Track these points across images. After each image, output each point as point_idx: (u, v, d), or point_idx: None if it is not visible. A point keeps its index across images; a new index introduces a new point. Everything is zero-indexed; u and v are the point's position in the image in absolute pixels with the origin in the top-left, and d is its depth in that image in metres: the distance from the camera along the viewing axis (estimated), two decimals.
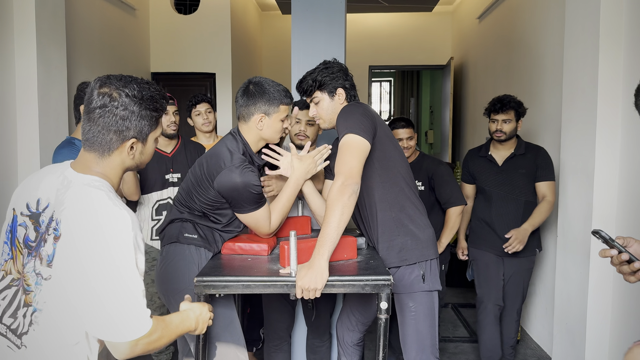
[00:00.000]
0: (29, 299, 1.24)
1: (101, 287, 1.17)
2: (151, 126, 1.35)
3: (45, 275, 1.22)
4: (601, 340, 2.82)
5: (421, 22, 7.25)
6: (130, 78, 1.32)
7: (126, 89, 1.28)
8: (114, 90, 1.28)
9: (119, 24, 4.93)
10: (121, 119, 1.28)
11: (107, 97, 1.27)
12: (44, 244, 1.24)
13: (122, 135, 1.30)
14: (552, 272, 3.47)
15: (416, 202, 2.13)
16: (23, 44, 3.21)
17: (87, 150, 1.31)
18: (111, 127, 1.28)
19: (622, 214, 2.71)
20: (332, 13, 3.04)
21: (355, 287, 1.75)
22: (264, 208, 2.02)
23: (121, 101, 1.27)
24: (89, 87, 1.31)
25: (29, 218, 1.29)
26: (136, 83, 1.31)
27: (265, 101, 2.01)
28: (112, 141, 1.29)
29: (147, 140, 1.37)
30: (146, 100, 1.31)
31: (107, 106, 1.27)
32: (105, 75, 1.31)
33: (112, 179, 1.32)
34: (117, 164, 1.33)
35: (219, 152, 1.98)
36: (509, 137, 3.09)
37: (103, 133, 1.28)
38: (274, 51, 7.51)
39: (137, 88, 1.30)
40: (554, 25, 3.51)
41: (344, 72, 2.16)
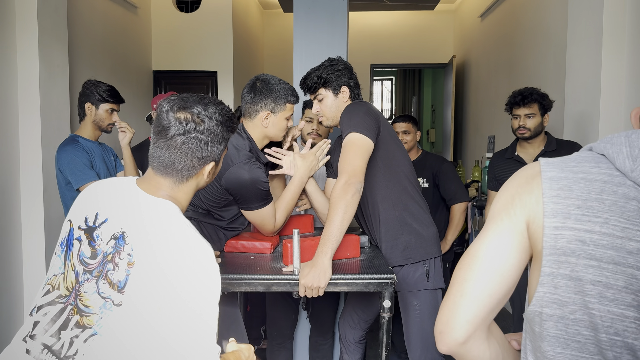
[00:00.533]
0: (88, 321, 1.13)
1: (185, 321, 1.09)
2: (225, 147, 1.32)
3: (116, 301, 1.12)
4: None
5: (423, 20, 7.24)
6: (207, 100, 1.27)
7: (207, 112, 1.24)
8: (196, 115, 1.23)
9: (121, 23, 4.93)
10: (205, 144, 1.23)
11: (192, 123, 1.22)
12: (113, 267, 1.14)
13: (205, 160, 1.25)
14: None
15: (419, 200, 2.12)
16: (25, 42, 3.21)
17: (162, 175, 1.25)
18: (195, 153, 1.23)
19: None
20: (334, 11, 3.03)
21: (359, 285, 1.75)
22: (270, 205, 2.02)
23: (205, 126, 1.23)
24: (159, 108, 1.24)
25: (84, 232, 1.22)
26: (214, 105, 1.26)
27: (272, 99, 2.01)
28: (194, 167, 1.25)
29: (220, 161, 1.34)
30: (226, 122, 1.28)
31: (192, 133, 1.22)
32: (179, 97, 1.26)
33: (182, 203, 1.28)
34: (192, 188, 1.29)
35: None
36: (535, 134, 2.77)
37: (186, 160, 1.23)
38: (276, 50, 7.50)
39: (217, 111, 1.26)
40: (556, 23, 3.50)
41: (348, 70, 2.16)
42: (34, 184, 3.26)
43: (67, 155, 2.57)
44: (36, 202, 3.26)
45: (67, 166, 2.56)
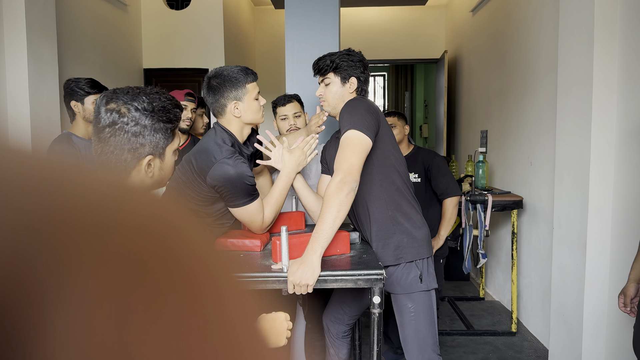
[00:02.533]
0: None
1: None
2: (167, 139, 1.24)
3: None
4: (598, 331, 2.81)
5: (415, 15, 7.23)
6: (139, 90, 1.21)
7: (135, 102, 1.18)
8: (122, 105, 1.18)
9: (111, 20, 4.89)
10: (133, 136, 1.18)
11: (116, 114, 1.17)
12: None
13: (137, 153, 1.20)
14: (548, 264, 3.47)
15: (412, 200, 2.11)
16: (13, 40, 3.17)
17: None
18: (124, 145, 1.18)
19: (617, 206, 2.70)
20: (325, 7, 3.02)
21: (348, 281, 1.74)
22: (257, 201, 1.99)
23: (131, 116, 1.17)
24: (95, 104, 1.19)
25: None
26: (145, 94, 1.20)
27: (230, 88, 1.97)
28: (127, 161, 1.19)
29: (165, 155, 1.26)
30: (158, 111, 1.21)
31: (117, 123, 1.17)
32: (111, 90, 1.20)
33: None
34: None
35: (207, 147, 1.94)
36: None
37: (116, 153, 1.18)
38: (268, 46, 7.47)
39: (146, 100, 1.20)
40: (548, 17, 3.49)
41: (363, 64, 2.15)
42: None
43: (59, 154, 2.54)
44: None
45: None
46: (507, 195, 3.87)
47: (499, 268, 4.56)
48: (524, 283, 3.97)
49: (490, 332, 3.83)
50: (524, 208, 3.89)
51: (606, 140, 2.71)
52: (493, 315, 4.25)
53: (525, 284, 3.94)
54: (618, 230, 2.71)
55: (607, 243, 2.77)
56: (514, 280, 3.81)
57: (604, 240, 2.77)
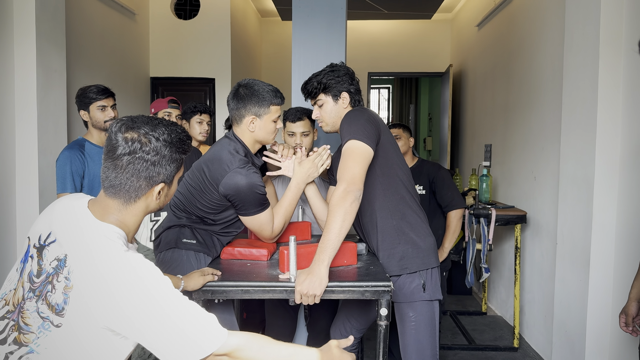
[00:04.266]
0: (25, 339, 1.16)
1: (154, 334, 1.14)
2: (178, 168, 1.31)
3: (55, 322, 1.15)
4: (601, 348, 2.80)
5: (420, 29, 7.27)
6: (157, 121, 1.27)
7: (155, 132, 1.23)
8: (143, 135, 1.22)
9: (119, 28, 4.93)
10: (152, 165, 1.23)
11: (138, 143, 1.21)
12: (52, 290, 1.16)
13: (152, 180, 1.25)
14: (551, 280, 3.46)
15: (417, 210, 2.11)
16: (23, 47, 3.20)
17: (111, 196, 1.25)
18: (141, 173, 1.23)
19: (621, 223, 2.71)
20: (332, 20, 3.04)
21: (355, 293, 1.74)
22: (267, 211, 2.01)
23: (152, 147, 1.22)
24: (110, 129, 1.24)
25: (36, 250, 1.23)
26: (164, 126, 1.26)
27: (255, 103, 2.01)
28: (141, 188, 1.24)
29: (173, 182, 1.33)
30: (175, 143, 1.27)
31: (137, 152, 1.21)
32: (128, 118, 1.25)
33: (130, 225, 1.28)
34: (141, 210, 1.28)
35: (220, 156, 1.97)
36: None
37: (132, 180, 1.23)
38: (274, 57, 7.51)
39: (166, 131, 1.25)
40: (553, 33, 3.52)
41: (350, 76, 2.15)
42: (30, 190, 3.24)
43: (63, 159, 2.57)
44: (32, 208, 3.24)
45: (58, 170, 2.57)
46: (510, 210, 3.88)
47: (502, 283, 4.55)
48: (526, 298, 3.96)
49: (492, 347, 3.81)
50: (528, 223, 3.90)
51: (610, 156, 2.72)
52: (495, 330, 4.24)
53: (528, 299, 3.93)
54: (622, 246, 2.71)
55: (611, 260, 2.77)
56: (516, 295, 3.80)
57: (607, 257, 2.77)
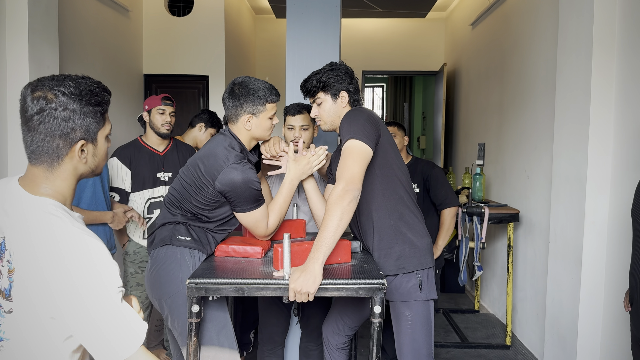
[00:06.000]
0: None
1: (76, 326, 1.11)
2: (98, 123, 1.23)
3: (6, 308, 1.13)
4: (592, 345, 2.82)
5: (414, 28, 7.28)
6: (64, 76, 1.21)
7: (61, 87, 1.17)
8: (48, 91, 1.16)
9: (112, 25, 4.91)
10: (63, 121, 1.16)
11: (43, 100, 1.15)
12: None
13: (69, 138, 1.18)
14: (543, 278, 3.48)
15: (415, 210, 2.12)
16: (15, 43, 3.17)
17: (34, 163, 1.19)
18: (55, 131, 1.16)
19: (613, 221, 2.73)
20: (326, 18, 3.04)
21: (349, 290, 1.74)
22: (262, 207, 2.03)
23: (59, 101, 1.16)
24: (21, 94, 1.19)
25: None
26: (71, 80, 1.20)
27: (250, 101, 2.02)
28: (59, 147, 1.18)
29: (97, 140, 1.25)
30: (85, 95, 1.20)
31: (45, 110, 1.15)
32: (36, 79, 1.20)
33: (64, 193, 1.21)
34: (70, 173, 1.21)
35: (215, 152, 1.98)
36: None
37: (47, 140, 1.16)
38: (268, 55, 7.50)
39: (72, 84, 1.19)
40: (547, 32, 3.53)
41: (349, 75, 2.16)
42: None
43: None
44: None
45: None
46: (503, 208, 3.90)
47: (495, 281, 4.57)
48: (519, 296, 3.99)
49: (485, 345, 3.83)
50: (520, 221, 3.92)
51: (603, 154, 2.74)
52: (487, 328, 4.26)
53: (520, 297, 3.95)
54: (613, 245, 2.73)
55: (603, 257, 2.79)
56: (509, 293, 3.82)
57: (599, 255, 2.79)
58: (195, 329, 1.79)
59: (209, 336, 1.98)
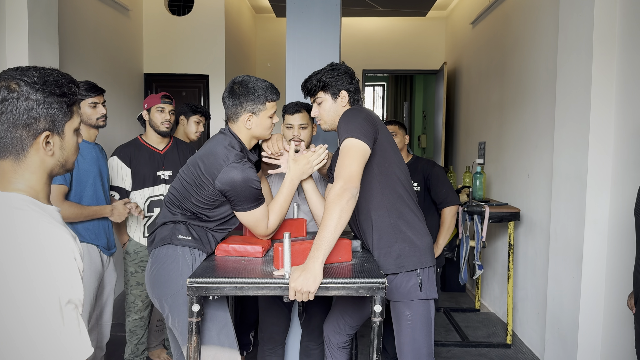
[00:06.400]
0: None
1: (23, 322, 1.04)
2: (64, 115, 1.21)
3: None
4: (593, 344, 2.82)
5: (415, 26, 7.28)
6: (29, 67, 1.19)
7: (24, 77, 1.15)
8: (11, 80, 1.14)
9: (113, 24, 4.90)
10: (26, 111, 1.14)
11: (5, 90, 1.13)
12: None
13: (32, 128, 1.15)
14: (544, 277, 3.48)
15: (415, 208, 2.12)
16: (15, 43, 3.17)
17: (1, 157, 1.16)
18: (17, 122, 1.14)
19: (614, 219, 2.72)
20: (327, 17, 3.03)
21: (350, 289, 1.74)
22: (262, 207, 2.03)
23: (21, 91, 1.14)
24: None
25: None
26: (35, 70, 1.18)
27: (250, 100, 2.03)
28: (22, 138, 1.15)
29: (65, 132, 1.22)
30: (50, 85, 1.17)
31: (7, 99, 1.13)
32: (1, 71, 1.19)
33: (35, 187, 1.18)
34: (37, 166, 1.18)
35: (215, 151, 1.98)
36: None
37: (10, 131, 1.14)
38: (268, 54, 7.50)
39: (36, 74, 1.17)
40: (547, 30, 3.53)
41: (349, 75, 2.17)
42: None
43: None
44: None
45: None
46: (504, 207, 3.89)
47: (495, 279, 4.57)
48: (519, 295, 3.98)
49: (485, 344, 3.83)
50: (521, 220, 3.91)
51: (603, 153, 2.74)
52: (488, 326, 4.26)
53: (521, 296, 3.95)
54: (614, 243, 2.72)
55: (603, 256, 2.79)
56: (509, 292, 3.82)
57: (600, 253, 2.79)
58: (195, 329, 1.79)
59: (210, 335, 1.98)
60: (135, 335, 3.09)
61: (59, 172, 1.25)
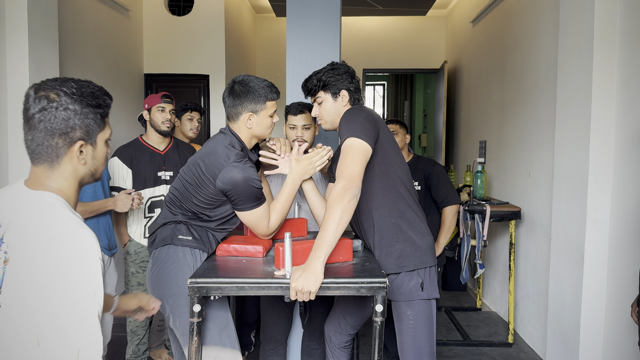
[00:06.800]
0: None
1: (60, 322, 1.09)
2: (98, 125, 1.26)
3: None
4: (595, 343, 2.82)
5: (415, 25, 7.27)
6: (67, 78, 1.24)
7: (63, 87, 1.20)
8: (51, 91, 1.19)
9: (113, 25, 4.90)
10: (63, 120, 1.19)
11: (45, 99, 1.18)
12: None
13: (68, 137, 1.21)
14: (545, 276, 3.48)
15: (416, 208, 2.11)
16: (15, 43, 3.17)
17: (36, 163, 1.22)
18: (55, 130, 1.19)
19: (615, 218, 2.72)
20: (327, 16, 3.03)
21: (351, 289, 1.74)
22: (263, 206, 2.03)
23: (60, 101, 1.19)
24: (25, 95, 1.22)
25: None
26: (74, 81, 1.23)
27: (251, 100, 2.03)
28: (58, 146, 1.20)
29: (97, 143, 1.27)
30: (87, 96, 1.22)
31: (47, 108, 1.18)
32: (40, 81, 1.23)
33: (67, 192, 1.24)
34: (70, 174, 1.23)
35: (216, 151, 1.98)
36: None
37: (47, 139, 1.19)
38: (268, 53, 7.49)
39: (75, 85, 1.22)
40: (548, 29, 3.52)
41: (350, 74, 2.17)
42: None
43: None
44: None
45: None
46: (505, 206, 3.89)
47: (496, 279, 4.56)
48: (521, 294, 3.98)
49: (487, 343, 3.83)
50: (522, 219, 3.91)
51: (604, 152, 2.73)
52: (490, 326, 4.25)
53: (523, 295, 3.95)
54: (615, 242, 2.72)
55: (605, 255, 2.78)
56: (511, 291, 3.81)
57: (601, 252, 2.78)
58: (197, 329, 1.79)
59: (211, 336, 1.98)
60: (137, 335, 3.09)
61: (88, 181, 1.31)
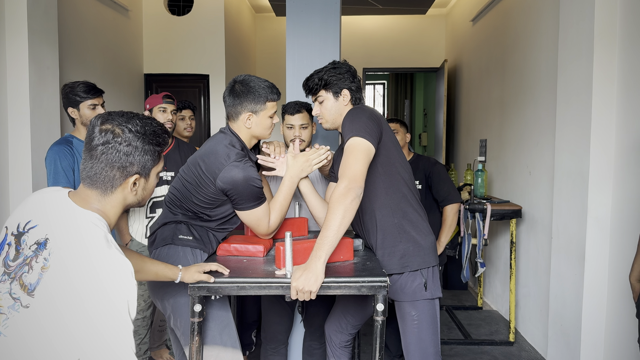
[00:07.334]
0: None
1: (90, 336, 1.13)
2: (154, 161, 1.36)
3: (24, 302, 1.17)
4: (596, 341, 2.82)
5: (415, 24, 7.27)
6: (132, 114, 1.33)
7: (129, 124, 1.29)
8: (117, 126, 1.28)
9: (112, 25, 4.90)
10: (125, 155, 1.28)
11: (110, 134, 1.27)
12: (28, 270, 1.19)
13: (126, 171, 1.29)
14: (546, 274, 3.47)
15: (418, 208, 2.11)
16: (15, 44, 3.17)
17: (89, 187, 1.29)
18: (115, 163, 1.27)
19: (616, 216, 2.72)
20: (326, 15, 3.03)
21: (352, 288, 1.74)
22: (264, 206, 2.02)
23: (124, 137, 1.28)
24: (90, 124, 1.29)
25: (14, 237, 1.27)
26: (138, 119, 1.32)
27: (251, 99, 2.03)
28: (115, 178, 1.29)
29: (150, 176, 1.37)
30: (149, 135, 1.32)
31: (110, 142, 1.27)
32: (106, 112, 1.32)
33: (110, 217, 1.31)
34: (119, 202, 1.32)
35: (216, 150, 1.97)
36: None
37: (106, 170, 1.27)
38: (268, 53, 7.49)
39: (139, 124, 1.31)
40: (548, 27, 3.52)
41: (351, 74, 2.16)
42: (23, 187, 3.22)
43: (52, 155, 2.62)
44: None
45: (49, 166, 2.60)
46: (506, 205, 3.89)
47: (497, 277, 4.56)
48: (522, 292, 3.98)
49: (488, 342, 3.83)
50: (523, 217, 3.91)
51: (605, 150, 2.73)
52: (491, 324, 4.25)
53: (524, 294, 3.95)
54: (616, 240, 2.72)
55: (606, 253, 2.78)
56: (512, 290, 3.81)
57: (602, 250, 2.78)
58: (197, 329, 1.79)
59: (212, 335, 1.98)
60: (138, 335, 3.09)
61: (133, 207, 1.41)
